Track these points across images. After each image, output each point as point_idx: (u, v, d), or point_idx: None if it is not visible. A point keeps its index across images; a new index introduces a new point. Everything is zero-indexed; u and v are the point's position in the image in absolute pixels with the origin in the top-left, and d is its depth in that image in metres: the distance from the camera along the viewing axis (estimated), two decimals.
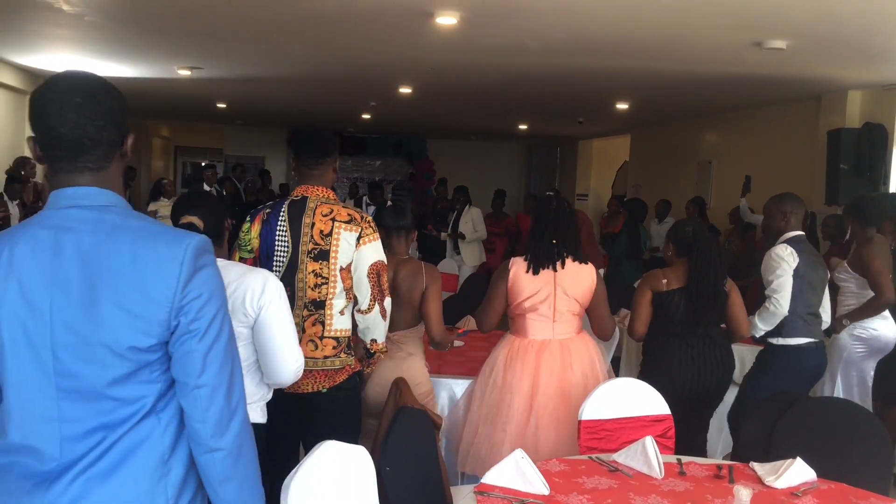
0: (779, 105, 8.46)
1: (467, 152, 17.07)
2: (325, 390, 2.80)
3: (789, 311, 3.77)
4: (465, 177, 12.93)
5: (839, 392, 4.29)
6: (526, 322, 3.34)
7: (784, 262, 3.76)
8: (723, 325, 3.65)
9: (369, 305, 2.82)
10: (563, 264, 3.30)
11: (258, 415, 2.46)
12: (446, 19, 4.93)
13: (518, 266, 3.33)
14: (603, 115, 10.68)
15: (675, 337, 3.53)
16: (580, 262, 3.34)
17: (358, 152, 16.61)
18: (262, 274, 2.38)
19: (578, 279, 3.32)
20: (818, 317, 3.89)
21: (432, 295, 3.24)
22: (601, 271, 7.47)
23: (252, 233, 2.85)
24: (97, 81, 1.43)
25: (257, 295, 2.30)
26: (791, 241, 3.84)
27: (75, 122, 1.38)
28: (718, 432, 4.40)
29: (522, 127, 13.34)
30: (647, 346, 3.65)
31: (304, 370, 2.68)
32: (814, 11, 4.43)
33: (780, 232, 3.92)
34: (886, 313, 4.27)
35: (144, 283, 1.37)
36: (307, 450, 2.82)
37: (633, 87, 7.91)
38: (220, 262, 2.44)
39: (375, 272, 2.80)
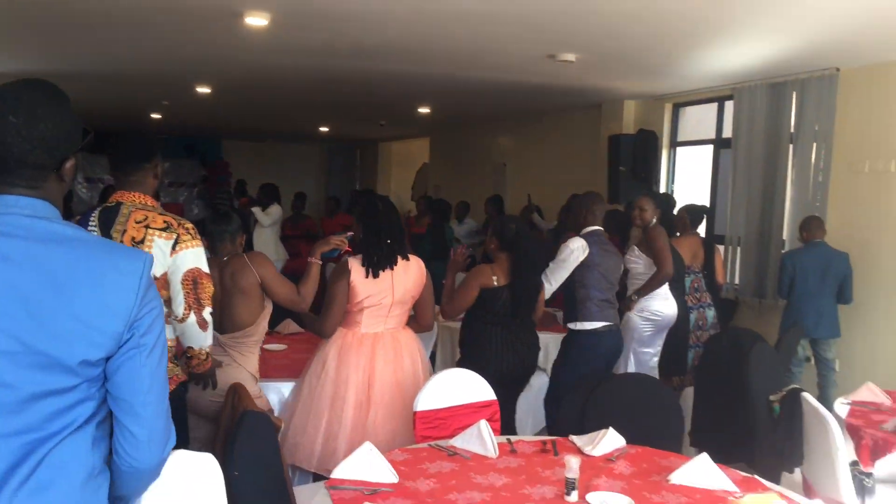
0: (566, 112, 9.20)
1: (264, 153, 16.72)
2: None
3: (583, 297, 4.21)
4: (262, 179, 12.65)
5: (632, 367, 4.81)
6: (361, 317, 3.42)
7: (569, 251, 4.20)
8: None
9: (184, 314, 2.71)
10: (395, 263, 3.42)
11: None
12: (256, 20, 4.86)
13: (356, 269, 3.36)
14: (405, 119, 10.98)
15: (497, 326, 3.79)
16: (405, 259, 3.48)
17: None
18: None
19: (411, 274, 3.48)
20: (613, 303, 4.34)
21: (272, 280, 3.30)
22: None
23: None
24: (43, 100, 1.37)
25: None
26: (587, 235, 4.28)
27: (2, 140, 1.34)
28: (527, 413, 4.76)
29: (324, 129, 13.34)
30: (470, 336, 3.87)
31: None
32: (601, 30, 4.91)
33: (581, 226, 4.36)
34: (668, 295, 4.85)
35: (105, 295, 1.35)
36: None
37: (436, 92, 8.23)
38: None
39: (192, 279, 2.69)
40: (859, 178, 5.70)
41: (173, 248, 2.66)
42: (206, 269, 2.74)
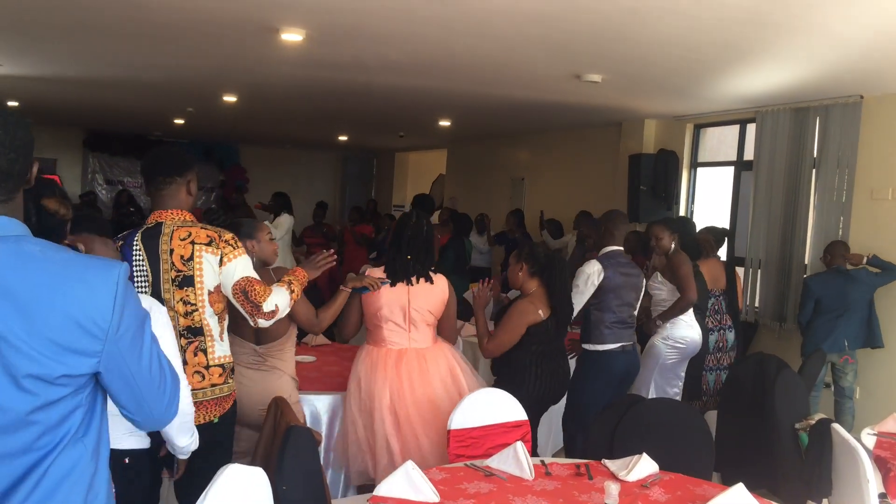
0: (586, 129, 9.25)
1: (281, 160, 16.81)
2: (216, 420, 2.72)
3: (596, 320, 4.28)
4: (278, 185, 12.73)
5: (653, 394, 4.84)
6: (383, 332, 3.53)
7: (585, 276, 4.27)
8: None
9: (254, 322, 2.75)
10: (416, 279, 3.52)
11: (141, 440, 2.40)
12: (292, 36, 4.94)
13: (375, 275, 3.50)
14: (424, 131, 11.06)
15: (539, 356, 3.75)
16: (432, 276, 3.57)
17: None
18: (146, 299, 2.33)
19: (432, 292, 3.56)
20: (628, 323, 4.39)
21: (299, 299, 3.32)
22: None
23: None
24: (11, 113, 1.42)
25: None
26: (603, 256, 4.35)
27: None
28: (548, 432, 4.81)
29: (343, 138, 13.43)
30: (509, 365, 3.79)
31: (194, 402, 2.63)
32: (630, 53, 4.98)
33: (600, 246, 4.42)
34: (692, 321, 4.88)
35: (79, 316, 1.34)
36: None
37: (458, 106, 8.31)
38: None
39: (241, 290, 2.71)
40: (881, 206, 5.74)
41: (220, 262, 2.70)
42: (253, 274, 2.76)
